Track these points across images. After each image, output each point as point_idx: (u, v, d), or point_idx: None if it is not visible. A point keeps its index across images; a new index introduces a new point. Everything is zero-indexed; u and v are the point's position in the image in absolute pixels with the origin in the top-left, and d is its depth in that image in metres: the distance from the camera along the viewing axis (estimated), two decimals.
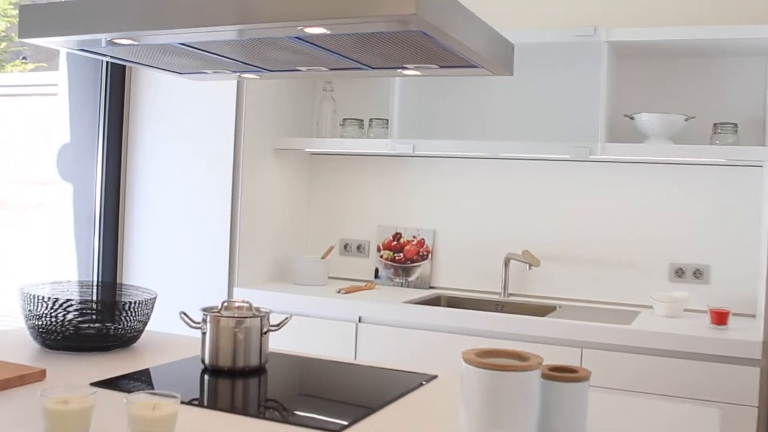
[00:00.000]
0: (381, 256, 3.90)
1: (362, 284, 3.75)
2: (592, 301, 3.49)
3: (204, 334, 2.00)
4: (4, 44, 4.03)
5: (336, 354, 3.24)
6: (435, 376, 1.96)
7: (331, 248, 3.88)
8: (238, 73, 2.26)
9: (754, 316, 3.03)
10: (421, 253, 3.82)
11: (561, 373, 1.48)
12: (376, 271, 3.91)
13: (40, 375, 1.79)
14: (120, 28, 1.71)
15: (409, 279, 3.83)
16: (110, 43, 1.82)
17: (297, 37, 1.66)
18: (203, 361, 1.99)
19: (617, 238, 3.46)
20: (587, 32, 3.17)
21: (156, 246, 3.72)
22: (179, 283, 3.63)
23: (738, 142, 3.14)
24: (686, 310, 3.21)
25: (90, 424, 1.39)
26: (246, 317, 1.99)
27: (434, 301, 3.54)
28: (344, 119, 3.84)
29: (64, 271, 3.75)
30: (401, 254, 3.86)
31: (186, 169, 3.66)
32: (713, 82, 3.32)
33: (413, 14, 1.38)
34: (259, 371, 1.99)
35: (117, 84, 3.77)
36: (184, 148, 3.67)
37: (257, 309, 2.06)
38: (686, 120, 3.17)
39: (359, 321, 3.25)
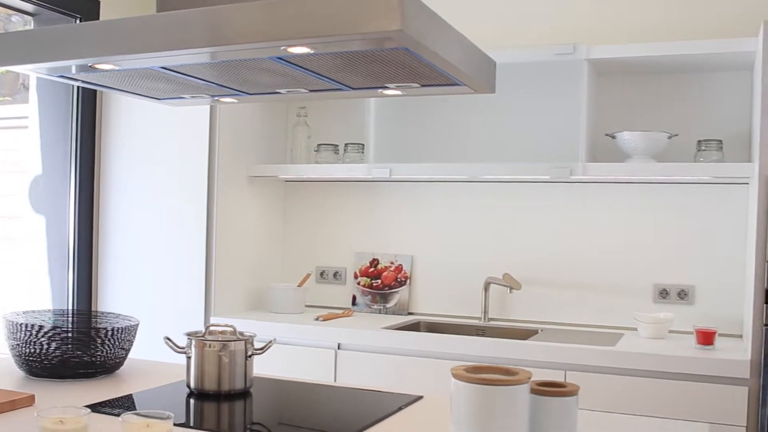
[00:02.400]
0: (358, 283, 3.97)
1: (340, 312, 3.82)
2: (575, 324, 3.58)
3: (189, 358, 2.05)
4: None
5: (316, 381, 3.30)
6: (420, 397, 2.03)
7: (308, 276, 3.94)
8: (216, 97, 2.32)
9: (741, 336, 3.12)
10: (399, 279, 3.89)
11: (549, 388, 1.55)
12: (354, 298, 3.98)
13: (29, 400, 1.87)
14: (102, 52, 1.76)
15: (387, 305, 3.90)
16: (91, 68, 1.88)
17: (279, 58, 1.74)
18: (188, 386, 2.06)
19: (600, 259, 3.56)
20: (567, 50, 3.27)
21: (130, 276, 3.78)
22: (155, 313, 3.70)
23: (723, 159, 3.25)
24: (671, 331, 3.31)
25: None
26: (231, 341, 2.05)
27: (413, 327, 3.61)
28: (319, 145, 3.92)
29: (38, 304, 3.80)
30: (379, 280, 3.93)
31: (160, 198, 3.73)
32: (696, 98, 3.44)
33: (399, 30, 1.46)
34: (244, 394, 2.05)
35: (88, 114, 3.86)
36: (157, 177, 3.74)
37: (241, 333, 2.12)
38: (669, 138, 3.27)
39: (338, 348, 3.31)
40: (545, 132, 3.54)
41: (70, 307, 3.79)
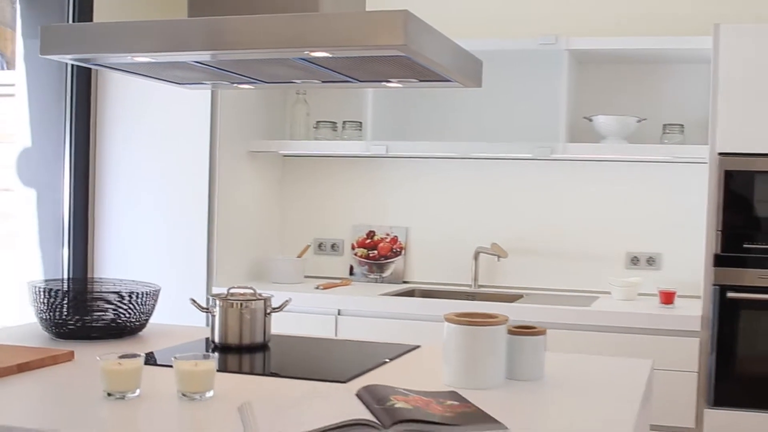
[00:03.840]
0: (355, 254, 4.34)
1: (338, 281, 4.15)
2: (555, 290, 4.03)
3: (213, 316, 2.42)
4: None
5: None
6: (418, 346, 2.46)
7: (307, 247, 4.31)
8: (235, 84, 2.70)
9: (700, 297, 3.56)
10: (394, 250, 4.30)
11: (522, 330, 1.99)
12: (351, 268, 4.36)
13: (69, 356, 2.16)
14: (147, 48, 2.12)
15: (384, 275, 4.29)
16: (131, 60, 2.25)
17: (301, 59, 2.15)
18: (213, 341, 2.41)
19: (578, 230, 4.02)
20: (549, 41, 3.69)
21: (130, 250, 4.00)
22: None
23: (684, 142, 3.72)
24: (641, 294, 3.76)
25: (140, 381, 1.82)
26: (251, 300, 2.43)
27: (408, 295, 3.97)
28: (318, 122, 4.24)
29: (29, 278, 3.71)
30: (375, 251, 4.32)
31: (160, 172, 3.96)
32: (662, 87, 3.90)
33: (403, 44, 1.88)
34: (263, 347, 2.42)
35: (83, 85, 3.96)
36: (157, 152, 3.95)
37: (259, 294, 2.49)
38: (638, 121, 3.74)
39: (338, 314, 3.69)
40: (529, 114, 3.97)
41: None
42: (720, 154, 3.37)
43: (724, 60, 3.36)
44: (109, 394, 1.78)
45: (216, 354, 1.89)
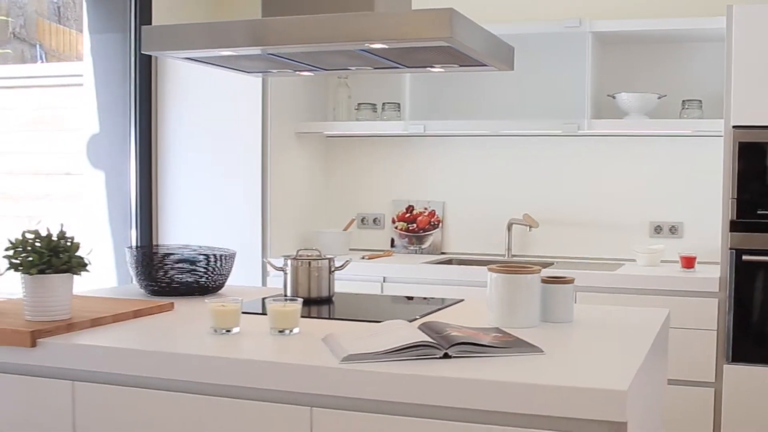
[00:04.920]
0: (396, 227, 4.75)
1: (381, 253, 4.56)
2: (584, 257, 4.42)
3: (286, 274, 2.83)
4: None
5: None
6: (462, 300, 2.86)
7: (352, 221, 4.73)
8: (297, 72, 3.10)
9: (719, 263, 3.91)
10: (432, 223, 4.69)
11: (554, 279, 2.40)
12: (392, 241, 4.77)
13: (170, 306, 2.60)
14: (232, 44, 2.55)
15: (423, 246, 4.70)
16: (218, 54, 2.68)
17: (361, 50, 2.56)
18: (285, 295, 2.81)
19: (604, 201, 4.40)
20: (573, 24, 4.07)
21: (191, 226, 4.38)
22: None
23: (702, 116, 4.08)
24: (664, 260, 4.14)
25: (239, 319, 2.25)
26: (318, 259, 2.84)
27: (446, 264, 4.37)
28: (359, 104, 4.63)
29: (102, 254, 4.22)
30: (414, 225, 4.72)
31: (216, 153, 4.33)
32: (681, 65, 4.26)
33: (449, 37, 2.29)
34: (328, 300, 2.84)
35: (145, 75, 4.34)
36: (213, 134, 4.33)
37: (324, 255, 2.91)
38: (659, 98, 4.11)
39: (384, 281, 4.10)
40: (556, 93, 4.34)
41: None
42: (734, 127, 3.71)
43: (737, 39, 3.70)
44: (215, 330, 2.22)
45: (301, 299, 2.29)
